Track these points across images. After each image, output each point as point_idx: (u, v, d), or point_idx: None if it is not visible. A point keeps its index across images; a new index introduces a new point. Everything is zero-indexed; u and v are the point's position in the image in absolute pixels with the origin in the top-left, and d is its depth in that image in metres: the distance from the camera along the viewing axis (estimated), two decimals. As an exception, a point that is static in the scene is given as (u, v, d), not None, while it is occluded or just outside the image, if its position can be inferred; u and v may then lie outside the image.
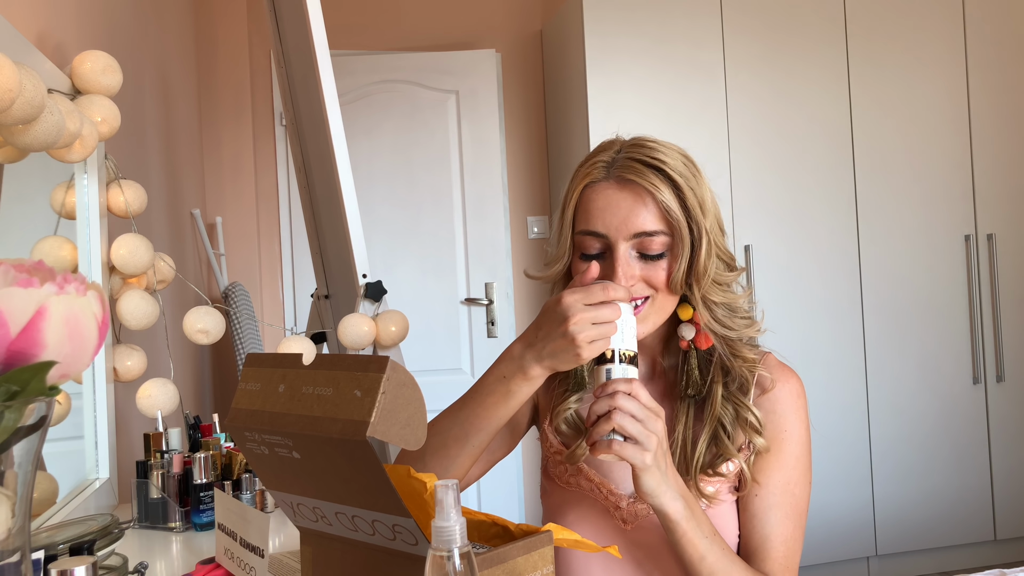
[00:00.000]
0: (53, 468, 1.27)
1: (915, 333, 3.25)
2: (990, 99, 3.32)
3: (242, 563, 0.91)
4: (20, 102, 0.98)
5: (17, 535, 0.52)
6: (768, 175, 3.15)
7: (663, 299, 1.02)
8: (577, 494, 1.10)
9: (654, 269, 1.01)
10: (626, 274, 0.99)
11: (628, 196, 1.00)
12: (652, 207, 0.99)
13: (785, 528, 1.04)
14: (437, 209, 3.44)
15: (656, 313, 1.03)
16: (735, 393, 1.05)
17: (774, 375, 1.07)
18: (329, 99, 1.77)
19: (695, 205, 1.00)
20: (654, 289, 1.01)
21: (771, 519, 1.04)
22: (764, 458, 1.05)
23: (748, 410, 1.03)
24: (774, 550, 1.03)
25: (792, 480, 1.05)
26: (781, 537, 1.04)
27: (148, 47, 2.23)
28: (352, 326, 1.66)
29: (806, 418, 1.08)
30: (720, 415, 1.04)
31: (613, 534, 1.07)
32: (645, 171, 1.00)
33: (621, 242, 1.00)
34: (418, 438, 0.65)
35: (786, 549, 1.04)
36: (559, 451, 1.12)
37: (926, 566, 3.24)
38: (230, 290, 2.83)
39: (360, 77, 3.41)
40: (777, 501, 1.04)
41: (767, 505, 1.04)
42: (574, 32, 3.16)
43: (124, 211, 1.52)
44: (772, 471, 1.05)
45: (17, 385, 0.49)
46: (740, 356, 1.05)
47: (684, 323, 1.06)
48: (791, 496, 1.05)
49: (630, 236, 0.99)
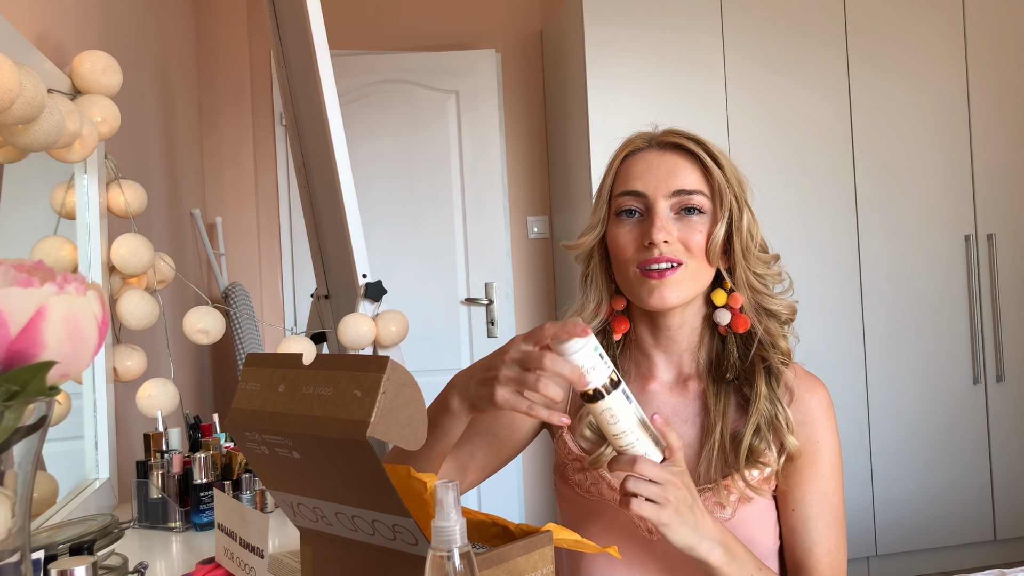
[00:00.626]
0: (53, 468, 1.27)
1: (915, 333, 3.25)
2: (990, 99, 3.31)
3: (242, 563, 0.91)
4: (20, 102, 0.98)
5: (17, 535, 0.52)
6: (768, 175, 3.15)
7: (696, 266, 1.01)
8: (599, 503, 1.07)
9: (691, 231, 1.01)
10: (664, 230, 0.99)
11: (669, 158, 1.03)
12: (692, 169, 1.02)
13: (827, 538, 1.03)
14: (437, 209, 3.44)
15: (689, 280, 1.01)
16: (775, 389, 1.03)
17: (803, 384, 1.06)
18: (329, 99, 1.77)
19: (735, 179, 1.03)
20: (689, 253, 1.01)
21: (812, 531, 1.03)
22: (799, 471, 1.03)
23: (784, 410, 1.02)
24: (819, 562, 1.02)
25: (829, 490, 1.04)
26: (825, 548, 1.03)
27: (148, 47, 2.23)
28: (352, 326, 1.66)
29: (836, 426, 1.07)
30: (763, 409, 1.02)
31: (640, 544, 1.04)
32: (686, 140, 1.03)
33: (660, 200, 1.01)
34: (418, 438, 0.65)
35: (831, 560, 1.03)
36: (579, 458, 1.08)
37: (926, 566, 3.24)
38: (230, 290, 2.83)
39: (360, 77, 3.41)
40: (816, 512, 1.03)
41: (806, 518, 1.03)
42: (574, 32, 3.16)
43: (124, 211, 1.52)
44: (808, 483, 1.03)
45: (17, 385, 0.49)
46: (778, 346, 1.05)
47: (719, 308, 1.06)
48: (830, 505, 1.04)
49: (670, 194, 1.01)
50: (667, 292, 1.00)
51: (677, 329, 1.07)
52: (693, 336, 1.08)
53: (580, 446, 1.09)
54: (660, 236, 0.99)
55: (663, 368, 1.10)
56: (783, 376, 1.04)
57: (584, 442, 1.09)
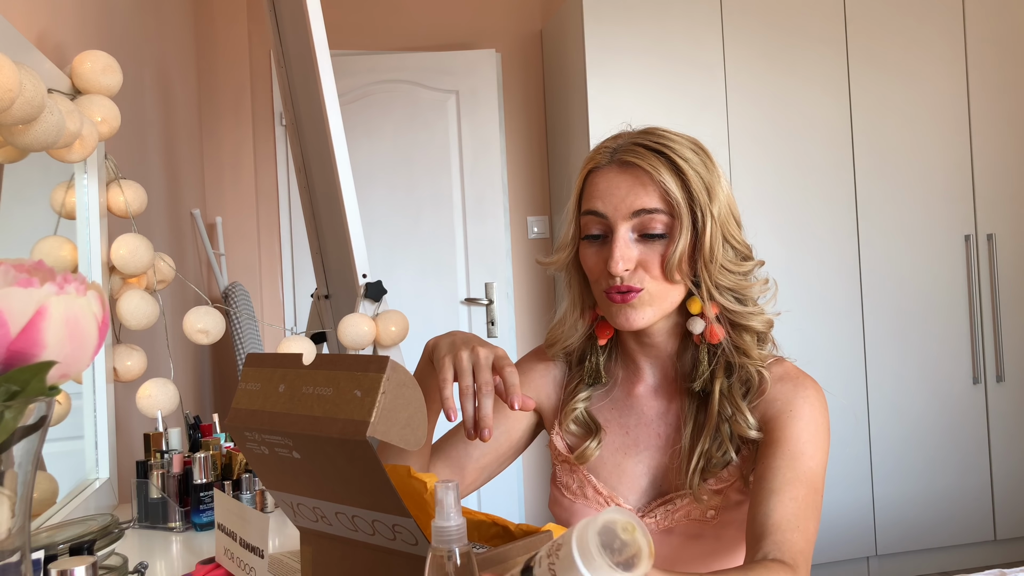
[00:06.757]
0: (53, 468, 1.27)
1: (915, 333, 3.25)
2: (990, 99, 3.31)
3: (242, 563, 0.91)
4: (20, 102, 0.98)
5: (17, 535, 0.52)
6: (768, 175, 3.15)
7: (658, 288, 1.00)
8: (585, 506, 1.08)
9: (651, 253, 0.99)
10: (624, 256, 0.98)
11: (628, 178, 1.00)
12: (651, 188, 0.99)
13: (786, 511, 0.92)
14: (437, 209, 3.44)
15: (653, 303, 1.00)
16: (734, 391, 1.02)
17: (785, 377, 1.03)
18: (329, 99, 1.77)
19: (700, 189, 0.99)
20: (650, 276, 0.99)
21: (771, 502, 0.93)
22: (767, 445, 0.98)
23: (741, 411, 1.00)
24: (777, 532, 0.91)
25: (801, 469, 0.95)
26: (781, 518, 0.92)
27: (148, 47, 2.23)
28: (352, 326, 1.66)
29: (817, 417, 1.00)
30: (717, 415, 1.01)
31: None
32: (647, 154, 1.00)
33: (620, 222, 0.99)
34: (418, 438, 0.65)
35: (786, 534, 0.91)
36: (567, 459, 1.10)
37: (926, 566, 3.24)
38: (230, 290, 2.83)
39: (360, 77, 3.41)
40: (779, 486, 0.94)
41: (768, 490, 0.94)
42: (574, 32, 3.16)
43: (124, 211, 1.52)
44: (773, 457, 0.97)
45: (17, 385, 0.48)
46: (746, 353, 1.02)
47: (693, 316, 1.04)
48: (799, 483, 0.94)
49: (629, 215, 0.99)
50: (632, 314, 1.00)
51: (657, 336, 1.07)
52: (674, 343, 1.08)
53: (567, 443, 1.11)
54: (619, 267, 0.98)
55: (648, 372, 1.10)
56: (756, 379, 1.02)
57: (570, 437, 1.10)
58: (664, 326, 1.06)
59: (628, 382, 1.11)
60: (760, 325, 1.04)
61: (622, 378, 1.12)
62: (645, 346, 1.09)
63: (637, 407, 1.09)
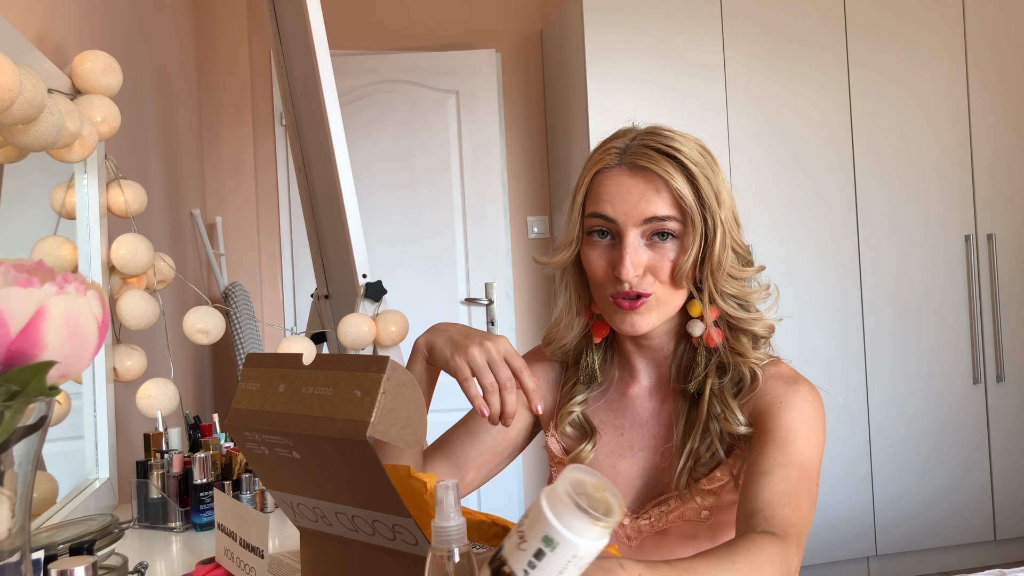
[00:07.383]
0: (53, 468, 1.27)
1: (915, 333, 3.25)
2: (990, 99, 3.31)
3: (242, 563, 0.91)
4: (20, 102, 0.98)
5: (17, 535, 0.52)
6: (768, 175, 3.15)
7: (665, 292, 1.00)
8: None
9: (662, 258, 0.98)
10: (634, 262, 0.97)
11: (640, 183, 0.98)
12: (665, 194, 0.98)
13: (777, 487, 0.89)
14: (437, 209, 3.44)
15: (659, 307, 1.00)
16: (725, 390, 1.01)
17: (779, 377, 1.01)
18: (329, 99, 1.77)
19: (710, 195, 0.98)
20: (658, 281, 0.99)
21: (759, 485, 0.90)
22: (757, 436, 0.97)
23: (730, 408, 0.99)
24: (767, 509, 0.88)
25: (794, 454, 0.93)
26: (773, 493, 0.89)
27: (148, 47, 2.23)
28: (352, 326, 1.66)
29: (810, 410, 0.97)
30: (707, 413, 1.01)
31: (622, 551, 1.04)
32: (659, 159, 0.98)
33: (631, 228, 0.98)
34: (418, 438, 0.66)
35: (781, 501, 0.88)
36: (562, 461, 1.10)
37: (926, 566, 3.24)
38: (230, 290, 2.83)
39: (360, 77, 3.41)
40: (768, 469, 0.91)
41: (759, 472, 0.92)
42: (574, 32, 3.16)
43: (124, 211, 1.52)
44: (763, 445, 0.95)
45: (17, 385, 0.48)
46: (741, 354, 1.02)
47: (693, 319, 1.04)
48: (790, 467, 0.91)
49: (640, 222, 0.98)
50: (638, 320, 1.00)
51: (656, 338, 1.07)
52: (671, 344, 1.08)
53: (562, 446, 1.11)
54: (630, 272, 0.97)
55: (644, 373, 1.10)
56: (749, 377, 1.01)
57: (566, 440, 1.10)
58: (664, 328, 1.06)
59: (623, 383, 1.11)
60: (762, 330, 1.04)
61: (617, 379, 1.12)
62: (643, 347, 1.09)
63: (632, 408, 1.09)
